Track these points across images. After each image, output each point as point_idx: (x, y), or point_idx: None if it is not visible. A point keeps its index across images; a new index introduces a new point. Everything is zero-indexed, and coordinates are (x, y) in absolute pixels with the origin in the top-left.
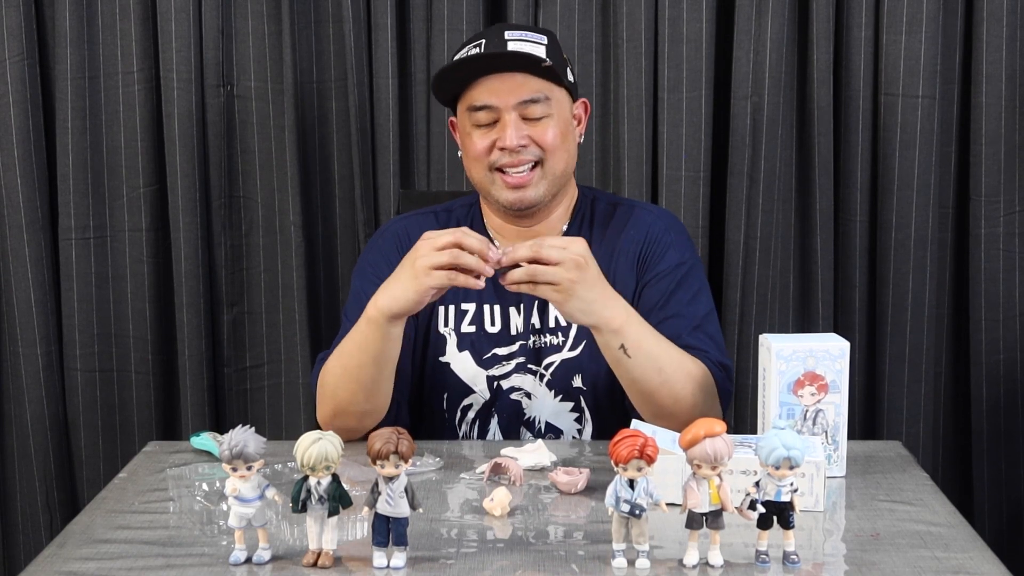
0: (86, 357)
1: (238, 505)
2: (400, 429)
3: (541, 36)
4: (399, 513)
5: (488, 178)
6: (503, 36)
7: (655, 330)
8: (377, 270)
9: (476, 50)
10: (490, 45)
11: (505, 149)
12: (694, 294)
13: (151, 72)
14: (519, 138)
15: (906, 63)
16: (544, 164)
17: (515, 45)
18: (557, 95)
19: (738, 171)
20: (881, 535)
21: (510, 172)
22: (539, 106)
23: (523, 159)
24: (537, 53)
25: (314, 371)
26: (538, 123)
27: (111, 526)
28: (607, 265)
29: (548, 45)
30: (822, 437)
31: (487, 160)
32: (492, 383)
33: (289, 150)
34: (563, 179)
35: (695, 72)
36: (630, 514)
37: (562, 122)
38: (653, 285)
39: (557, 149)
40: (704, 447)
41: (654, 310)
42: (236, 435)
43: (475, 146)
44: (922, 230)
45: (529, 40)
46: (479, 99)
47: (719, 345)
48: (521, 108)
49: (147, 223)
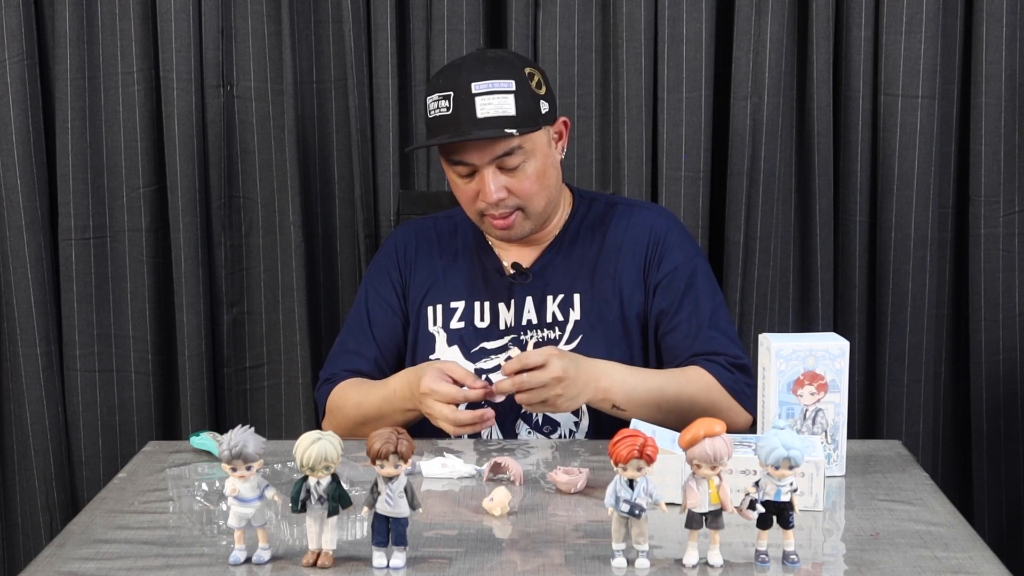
0: (86, 357)
1: (238, 505)
2: (400, 429)
3: (508, 83)
4: (399, 513)
5: (477, 218)
6: (471, 91)
7: (645, 375)
8: (376, 284)
9: (446, 105)
10: (458, 102)
11: (486, 203)
12: (702, 292)
13: (151, 72)
14: (497, 191)
15: (906, 63)
16: (526, 209)
17: (483, 105)
18: (531, 139)
19: (738, 171)
20: (881, 535)
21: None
22: (514, 157)
23: (503, 210)
24: (506, 110)
25: (320, 391)
26: (515, 172)
27: (111, 526)
28: (613, 265)
29: (516, 92)
30: (822, 437)
31: (473, 208)
32: (481, 376)
33: (289, 150)
34: (547, 211)
35: (695, 72)
36: (630, 514)
37: (539, 163)
38: (662, 291)
39: (535, 193)
40: (704, 447)
41: (665, 317)
42: (236, 435)
43: (461, 194)
44: (922, 230)
45: (497, 92)
46: (456, 155)
47: (731, 338)
48: (497, 161)
49: (147, 223)
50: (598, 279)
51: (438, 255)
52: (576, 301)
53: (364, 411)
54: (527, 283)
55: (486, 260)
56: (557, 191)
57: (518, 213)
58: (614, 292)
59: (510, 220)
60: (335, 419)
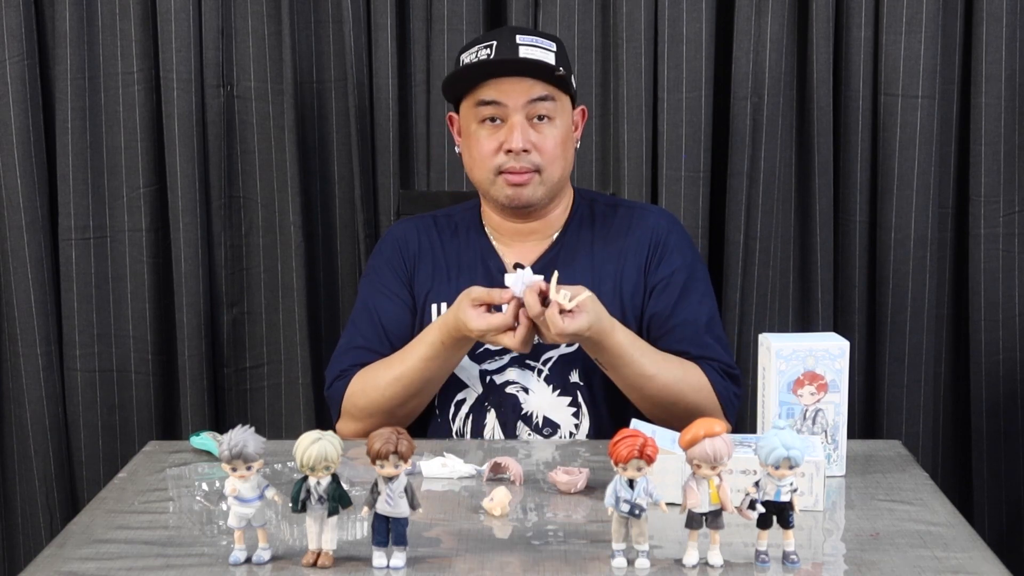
0: (86, 357)
1: (238, 505)
2: (400, 429)
3: (551, 43)
4: (399, 513)
5: (489, 179)
6: (515, 40)
7: (644, 358)
8: (381, 277)
9: (487, 51)
10: (502, 48)
11: (511, 152)
12: (699, 298)
13: (151, 72)
14: (524, 141)
15: (906, 63)
16: (543, 172)
17: (527, 51)
18: (563, 100)
19: (738, 171)
20: (881, 535)
21: (513, 171)
22: (546, 104)
23: (524, 165)
24: (548, 59)
25: (333, 389)
26: (542, 127)
27: (111, 526)
28: (615, 267)
29: (557, 52)
30: (822, 436)
31: (492, 163)
32: (485, 377)
33: (289, 150)
34: (559, 185)
35: (695, 72)
36: (630, 514)
37: (564, 128)
38: (658, 294)
39: (557, 158)
40: (704, 447)
41: (661, 319)
42: (236, 435)
43: (481, 147)
44: (922, 230)
45: (540, 47)
46: (489, 95)
47: (724, 345)
48: (529, 107)
49: (147, 223)
50: (599, 280)
51: (441, 252)
52: None
53: (407, 381)
54: None
55: (488, 257)
56: (570, 170)
57: (535, 175)
58: (615, 294)
59: (526, 177)
60: (362, 408)
